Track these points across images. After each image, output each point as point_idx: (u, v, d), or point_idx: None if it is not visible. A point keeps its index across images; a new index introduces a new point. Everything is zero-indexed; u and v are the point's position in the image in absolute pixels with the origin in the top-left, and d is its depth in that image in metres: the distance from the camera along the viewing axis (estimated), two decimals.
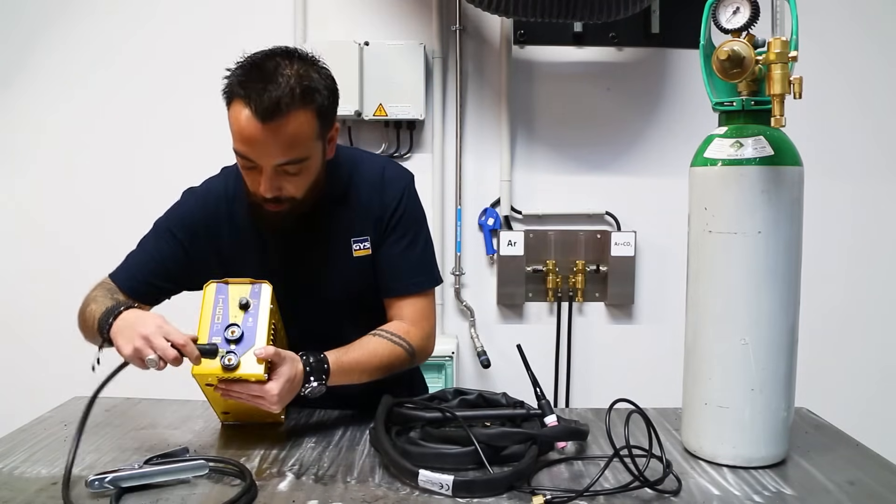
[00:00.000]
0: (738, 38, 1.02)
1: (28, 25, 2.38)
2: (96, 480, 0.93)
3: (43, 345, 2.45)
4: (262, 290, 1.11)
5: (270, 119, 1.07)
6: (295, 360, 1.10)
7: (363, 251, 1.27)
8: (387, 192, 1.27)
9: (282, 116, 1.07)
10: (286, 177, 1.14)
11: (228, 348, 1.05)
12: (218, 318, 1.07)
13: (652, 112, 2.44)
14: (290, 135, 1.09)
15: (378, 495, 0.96)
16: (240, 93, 1.08)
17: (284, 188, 1.15)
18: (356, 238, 1.26)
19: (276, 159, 1.11)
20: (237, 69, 1.12)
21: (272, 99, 1.06)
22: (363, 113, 2.29)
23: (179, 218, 1.29)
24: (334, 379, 1.15)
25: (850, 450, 1.14)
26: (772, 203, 1.01)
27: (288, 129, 1.08)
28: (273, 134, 1.08)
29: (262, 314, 1.09)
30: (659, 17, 2.36)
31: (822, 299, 2.33)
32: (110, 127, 2.41)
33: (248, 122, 1.07)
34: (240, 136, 1.10)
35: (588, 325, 2.51)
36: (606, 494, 0.95)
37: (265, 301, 1.10)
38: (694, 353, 1.10)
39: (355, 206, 1.27)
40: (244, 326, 1.07)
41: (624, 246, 2.42)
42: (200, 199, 1.30)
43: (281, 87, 1.07)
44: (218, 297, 1.09)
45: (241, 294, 1.09)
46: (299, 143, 1.11)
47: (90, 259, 2.43)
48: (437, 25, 2.37)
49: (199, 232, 1.27)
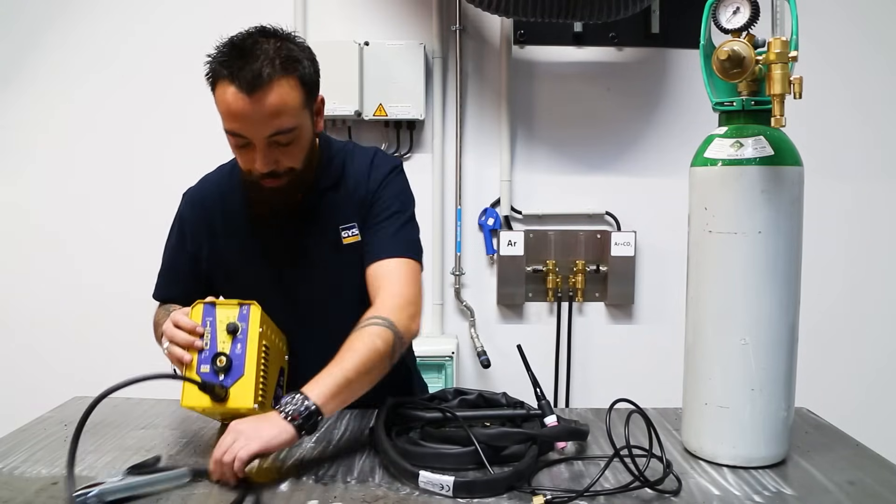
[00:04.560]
0: (738, 38, 1.02)
1: (27, 25, 2.38)
2: (82, 495, 0.90)
3: (43, 345, 2.46)
4: (251, 313, 1.07)
5: (255, 90, 1.08)
6: None
7: (352, 238, 1.27)
8: (373, 177, 1.28)
9: (266, 86, 1.09)
10: (279, 149, 1.15)
11: (218, 380, 1.04)
12: (206, 344, 1.05)
13: (652, 112, 2.44)
14: (277, 104, 1.10)
15: (378, 495, 0.96)
16: (223, 73, 1.10)
17: (280, 161, 1.16)
18: (344, 225, 1.27)
19: (266, 131, 1.12)
20: (216, 53, 1.13)
21: (254, 71, 1.08)
22: (363, 113, 2.29)
23: (179, 222, 1.34)
24: (330, 411, 1.04)
25: (850, 450, 1.14)
26: (772, 203, 1.01)
27: (274, 98, 1.10)
28: (260, 105, 1.09)
29: (250, 340, 1.06)
30: (659, 17, 2.36)
31: (823, 299, 2.33)
32: (109, 127, 2.41)
33: (235, 97, 1.09)
34: (228, 113, 1.11)
35: (588, 325, 2.51)
36: (607, 494, 0.95)
37: (254, 324, 1.07)
38: (694, 352, 1.10)
39: (345, 194, 1.28)
40: (233, 354, 1.05)
41: (624, 246, 2.42)
42: (193, 199, 1.34)
43: (261, 59, 1.09)
44: (206, 318, 1.06)
45: (230, 318, 1.06)
46: (287, 112, 1.12)
47: (89, 259, 2.45)
48: (437, 25, 2.37)
49: (198, 231, 1.31)
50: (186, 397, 1.04)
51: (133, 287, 2.41)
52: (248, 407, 1.04)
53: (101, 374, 2.15)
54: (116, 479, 0.94)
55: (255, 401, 1.04)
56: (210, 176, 1.36)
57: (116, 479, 0.94)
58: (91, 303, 2.43)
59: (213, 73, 1.12)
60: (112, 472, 0.97)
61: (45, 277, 2.45)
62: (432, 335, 2.46)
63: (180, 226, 1.34)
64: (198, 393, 1.03)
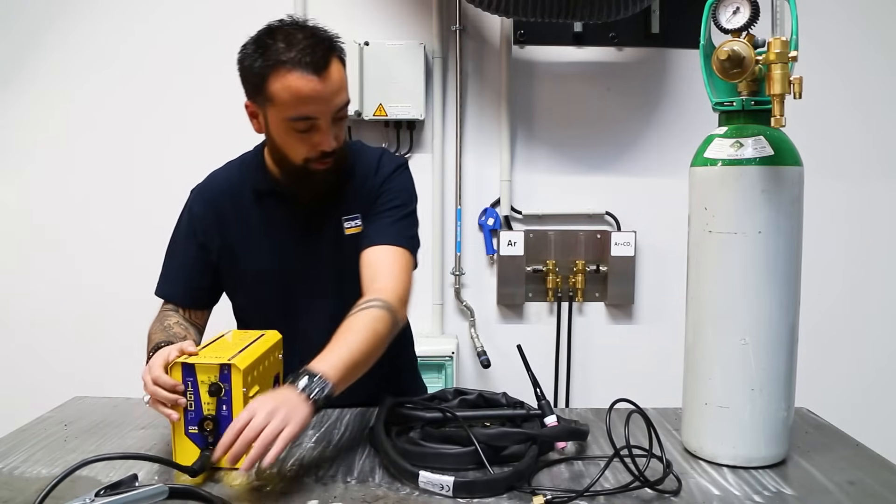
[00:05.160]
0: (738, 38, 1.02)
1: (27, 25, 2.38)
2: None
3: (43, 345, 2.46)
4: (232, 374, 1.01)
5: (322, 70, 1.14)
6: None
7: (355, 228, 1.30)
8: (380, 172, 1.32)
9: (329, 65, 1.15)
10: (338, 124, 1.21)
11: (205, 447, 1.01)
12: (190, 405, 1.02)
13: (652, 112, 2.44)
14: (339, 80, 1.18)
15: (378, 495, 0.96)
16: (280, 60, 1.13)
17: (338, 138, 1.22)
18: (347, 217, 1.30)
19: (334, 107, 1.18)
20: (256, 49, 1.16)
21: (315, 54, 1.14)
22: (363, 113, 2.29)
23: (188, 216, 1.35)
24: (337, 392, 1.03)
25: (850, 450, 1.14)
26: (772, 203, 1.01)
27: (336, 74, 1.17)
28: (327, 83, 1.15)
29: (235, 400, 1.01)
30: (659, 17, 2.36)
31: (823, 299, 2.34)
32: (109, 127, 2.41)
33: (305, 81, 1.13)
34: (299, 98, 1.14)
35: (588, 325, 2.51)
36: (607, 494, 0.95)
37: (237, 385, 1.01)
38: (694, 352, 1.10)
39: (352, 188, 1.31)
40: (220, 416, 1.01)
41: (624, 246, 2.42)
42: (203, 192, 1.36)
43: (312, 43, 1.15)
44: (186, 380, 1.02)
45: (211, 378, 1.01)
46: (344, 87, 1.20)
47: (89, 258, 2.45)
48: (437, 25, 2.37)
49: (208, 222, 1.32)
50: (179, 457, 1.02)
51: (133, 287, 2.42)
52: (243, 481, 1.01)
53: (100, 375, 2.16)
54: (84, 501, 0.84)
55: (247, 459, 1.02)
56: (218, 172, 1.39)
57: (84, 501, 0.84)
58: (91, 303, 2.43)
59: (268, 65, 1.14)
60: (80, 497, 0.86)
61: (45, 277, 2.45)
62: (432, 335, 2.46)
63: (189, 219, 1.34)
64: (191, 452, 1.01)
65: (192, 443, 1.02)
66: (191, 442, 1.02)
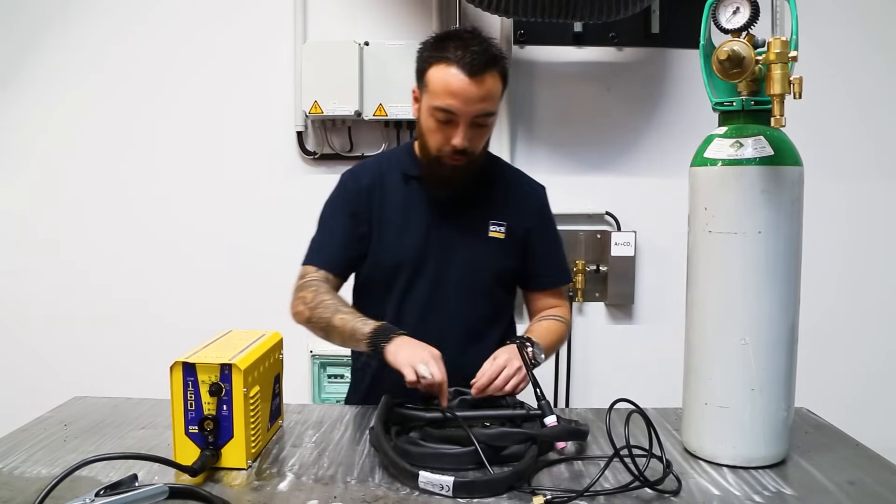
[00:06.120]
0: (738, 38, 1.02)
1: (27, 26, 2.38)
2: None
3: (43, 345, 2.46)
4: (233, 374, 1.01)
5: (475, 74, 1.26)
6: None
7: (498, 233, 1.44)
8: (533, 196, 1.52)
9: (484, 73, 1.27)
10: (476, 130, 1.32)
11: (206, 447, 1.02)
12: (190, 405, 1.02)
13: (652, 112, 2.44)
14: (488, 90, 1.29)
15: (378, 495, 0.96)
16: (446, 56, 1.28)
17: (473, 141, 1.32)
18: (494, 220, 1.44)
19: (475, 110, 1.29)
20: (432, 42, 1.33)
21: (475, 59, 1.26)
22: (363, 113, 2.29)
23: (343, 194, 1.47)
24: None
25: (850, 450, 1.14)
26: (772, 203, 1.01)
27: (488, 83, 1.29)
28: (476, 87, 1.27)
29: (236, 401, 1.02)
30: (659, 17, 2.35)
31: (822, 299, 2.33)
32: (108, 128, 2.41)
33: (456, 77, 1.27)
34: (446, 90, 1.28)
35: (588, 325, 2.50)
36: (606, 494, 0.95)
37: (237, 385, 1.02)
38: (694, 353, 1.10)
39: (496, 194, 1.46)
40: (220, 415, 1.02)
41: (624, 246, 2.42)
42: (355, 173, 1.48)
43: (480, 50, 1.27)
44: (187, 379, 1.02)
45: (211, 378, 1.02)
46: (492, 98, 1.31)
47: (89, 259, 2.45)
48: (437, 25, 2.36)
49: (359, 196, 1.44)
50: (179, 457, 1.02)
51: (133, 287, 2.42)
52: (241, 466, 1.03)
53: (100, 375, 2.15)
54: (84, 501, 0.85)
55: (247, 459, 1.04)
56: (367, 160, 1.54)
57: (84, 501, 0.85)
58: (90, 303, 2.43)
59: (431, 56, 1.30)
60: (80, 497, 0.86)
61: (44, 277, 2.45)
62: None
63: (342, 192, 1.46)
64: (190, 452, 1.01)
65: (193, 443, 1.02)
66: (191, 442, 1.02)
